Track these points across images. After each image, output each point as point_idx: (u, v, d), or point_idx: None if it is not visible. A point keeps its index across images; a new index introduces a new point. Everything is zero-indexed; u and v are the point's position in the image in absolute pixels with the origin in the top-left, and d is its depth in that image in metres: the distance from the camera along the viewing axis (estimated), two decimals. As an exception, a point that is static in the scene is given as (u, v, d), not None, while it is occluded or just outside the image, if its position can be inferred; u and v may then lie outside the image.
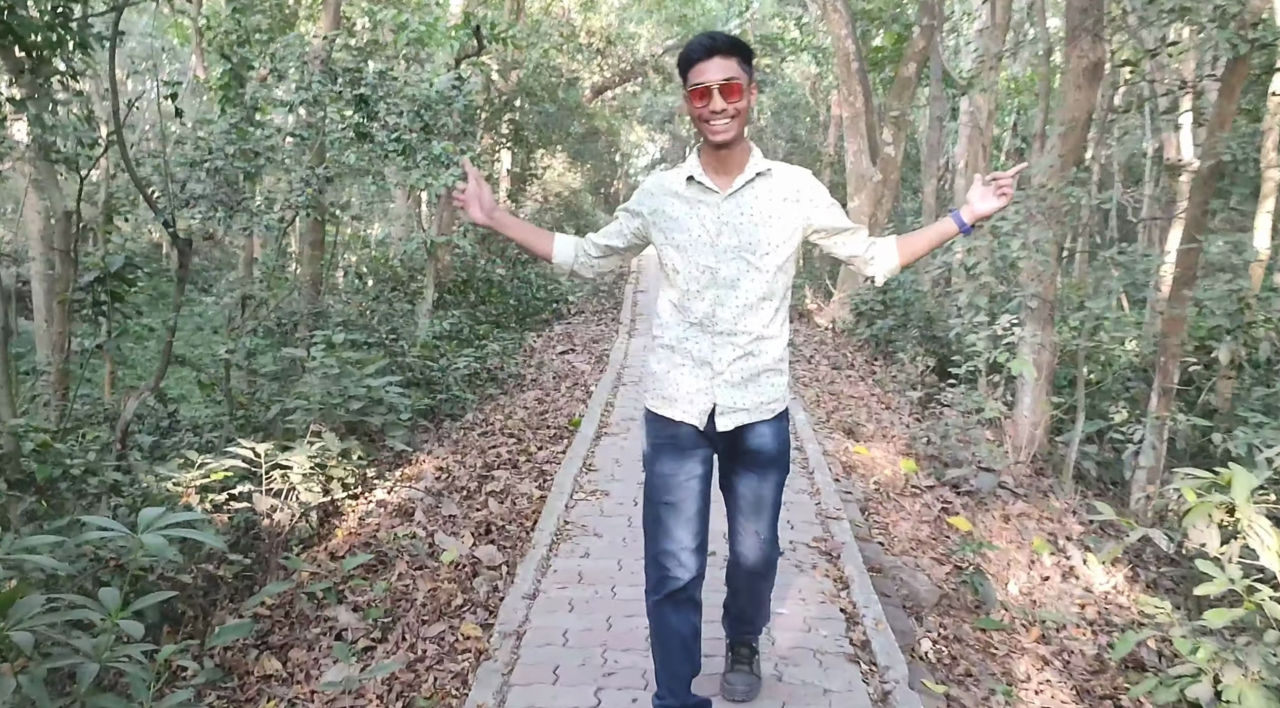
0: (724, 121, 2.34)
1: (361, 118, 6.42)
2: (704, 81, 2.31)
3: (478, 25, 8.40)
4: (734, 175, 2.44)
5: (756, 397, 2.50)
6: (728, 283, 2.43)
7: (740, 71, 2.34)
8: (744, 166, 2.44)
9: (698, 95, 2.34)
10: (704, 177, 2.45)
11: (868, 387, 9.13)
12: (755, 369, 2.48)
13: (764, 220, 2.43)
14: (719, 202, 2.44)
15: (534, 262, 13.80)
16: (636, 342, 9.72)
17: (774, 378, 2.53)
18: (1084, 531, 6.76)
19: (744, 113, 2.37)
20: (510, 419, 6.60)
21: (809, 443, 5.93)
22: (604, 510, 4.60)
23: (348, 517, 5.12)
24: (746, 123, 2.43)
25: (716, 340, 2.47)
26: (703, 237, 2.44)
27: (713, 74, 2.31)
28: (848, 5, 13.80)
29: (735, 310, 2.44)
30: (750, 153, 2.47)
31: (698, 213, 2.45)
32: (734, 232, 2.42)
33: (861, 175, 13.74)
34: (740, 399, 2.48)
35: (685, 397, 2.50)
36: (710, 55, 2.32)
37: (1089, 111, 8.58)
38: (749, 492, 2.60)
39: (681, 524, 2.51)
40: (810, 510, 4.77)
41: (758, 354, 2.47)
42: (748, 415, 2.50)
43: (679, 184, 2.49)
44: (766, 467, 2.58)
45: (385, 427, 5.61)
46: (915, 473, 6.25)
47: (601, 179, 36.17)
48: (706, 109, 2.33)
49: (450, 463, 5.68)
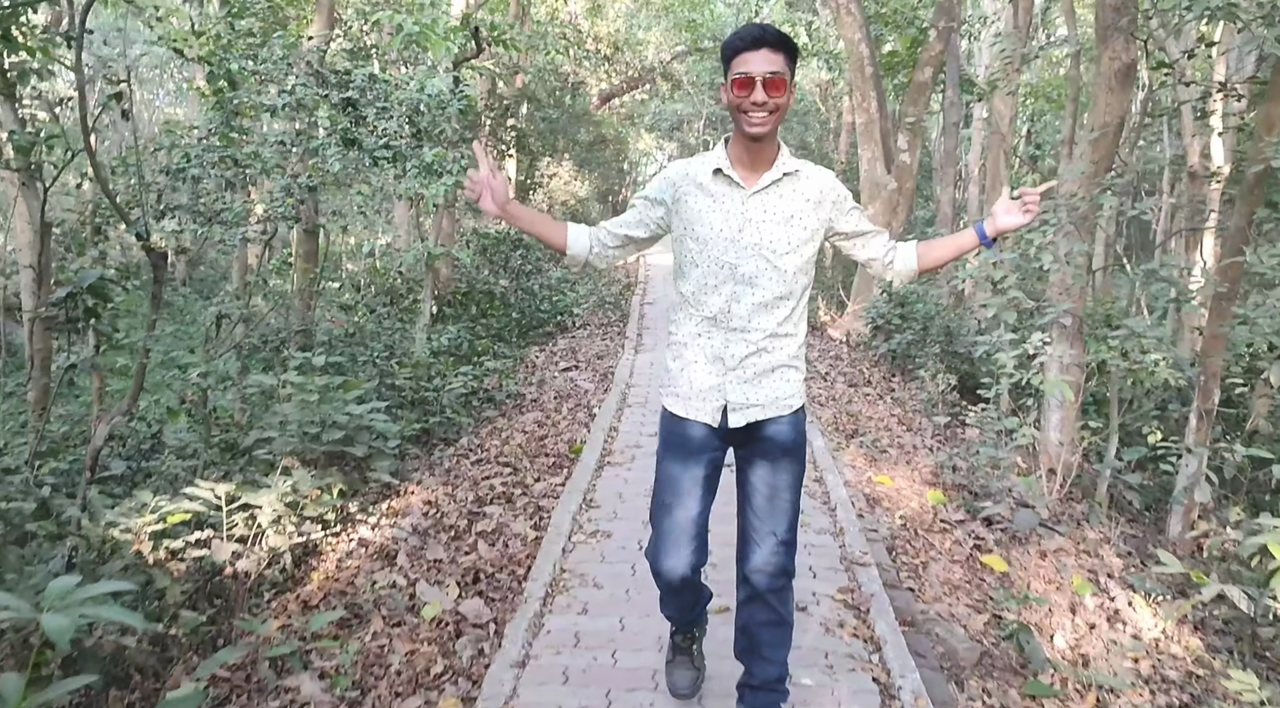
0: (762, 115, 2.30)
1: (349, 123, 6.01)
2: (748, 71, 2.27)
3: (476, 27, 7.99)
4: (761, 171, 2.41)
5: (771, 392, 2.47)
6: (746, 280, 2.41)
7: (785, 68, 2.30)
8: (772, 163, 2.41)
9: (740, 85, 2.29)
10: (732, 171, 2.42)
11: (887, 406, 8.66)
12: (768, 365, 2.46)
13: (786, 220, 2.41)
14: (744, 197, 2.41)
15: (538, 273, 13.38)
16: (643, 358, 9.27)
17: (789, 374, 2.50)
18: (1124, 564, 6.30)
19: (783, 109, 2.33)
20: (507, 445, 6.17)
21: (829, 474, 5.47)
22: (605, 555, 4.15)
23: (327, 557, 4.69)
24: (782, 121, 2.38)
25: (730, 337, 2.45)
26: (725, 231, 2.41)
27: (758, 65, 2.27)
28: (861, 8, 13.37)
29: (750, 308, 2.42)
30: (780, 151, 2.43)
31: (721, 207, 2.42)
32: (756, 229, 2.40)
33: (876, 183, 13.28)
34: (753, 395, 2.46)
35: (698, 394, 2.49)
36: (758, 46, 2.28)
37: (1121, 116, 8.12)
38: (763, 486, 2.54)
39: (681, 526, 2.53)
40: (834, 555, 4.31)
41: (771, 351, 2.45)
42: (761, 411, 2.48)
43: (704, 175, 2.45)
44: (779, 458, 2.52)
45: (369, 457, 5.18)
46: (944, 505, 5.79)
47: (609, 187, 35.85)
48: (748, 100, 2.29)
49: (440, 496, 5.24)
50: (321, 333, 6.94)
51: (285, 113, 5.90)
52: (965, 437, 9.21)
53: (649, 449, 5.80)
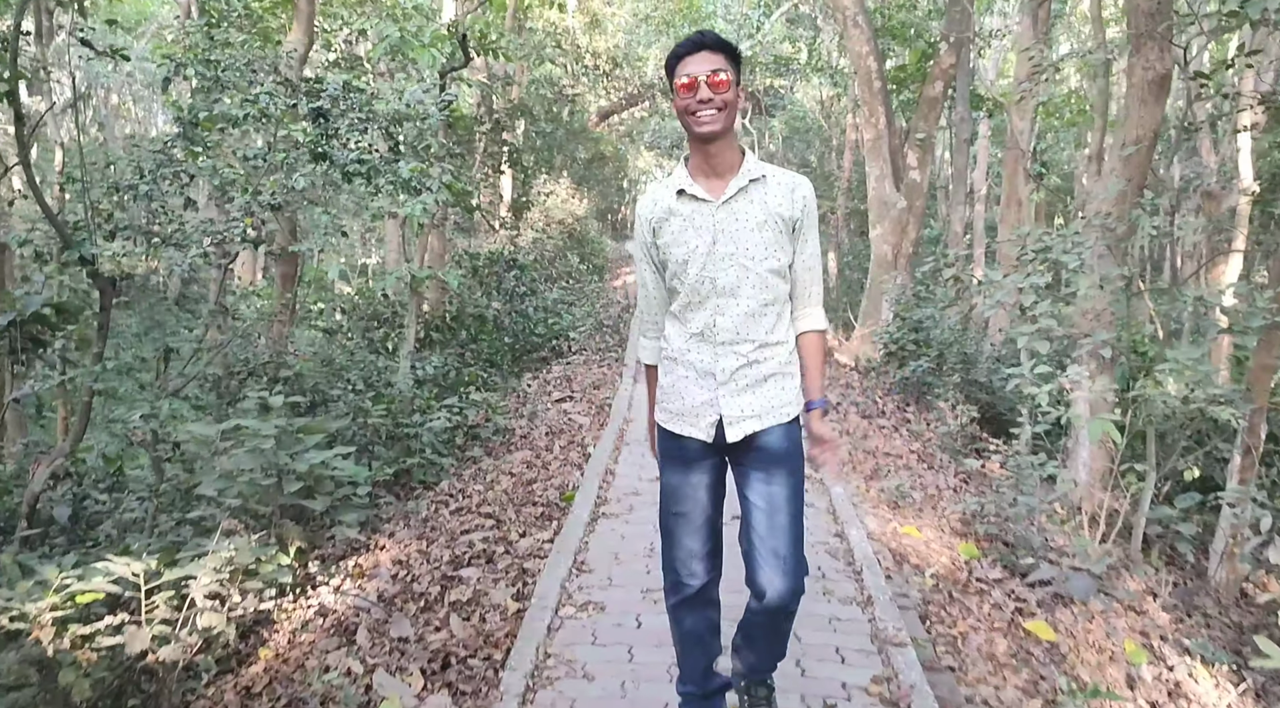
0: (710, 112, 2.32)
1: (319, 135, 5.45)
2: (690, 72, 2.32)
3: (464, 35, 7.46)
4: (726, 178, 2.42)
5: (766, 402, 2.45)
6: (727, 292, 2.41)
7: (727, 65, 2.34)
8: (736, 168, 2.42)
9: (684, 88, 2.34)
10: (694, 186, 2.43)
11: (904, 440, 8.07)
12: (761, 375, 2.44)
13: (759, 226, 2.40)
14: (713, 210, 2.41)
15: (533, 294, 12.81)
16: (642, 388, 8.67)
17: (783, 382, 2.47)
18: (1171, 619, 5.69)
19: (731, 107, 2.35)
20: (492, 490, 5.57)
21: (851, 527, 4.87)
22: (597, 635, 3.55)
23: (280, 627, 4.09)
24: (734, 120, 2.39)
25: (719, 350, 2.44)
26: (700, 247, 2.41)
27: (699, 66, 2.32)
28: (869, 21, 12.89)
29: (736, 319, 2.42)
30: (744, 157, 2.43)
31: (693, 224, 2.42)
32: (730, 239, 2.40)
33: (884, 202, 12.75)
34: (748, 406, 2.44)
35: (691, 410, 2.48)
36: (698, 49, 2.34)
37: (1155, 129, 7.58)
38: (761, 501, 2.46)
39: (690, 532, 2.53)
40: (863, 631, 3.71)
41: (763, 361, 2.44)
42: (759, 422, 2.45)
43: (670, 199, 2.46)
44: (773, 469, 2.47)
45: (332, 511, 4.58)
46: (978, 560, 5.19)
47: (608, 205, 35.35)
48: (694, 100, 2.32)
49: (413, 553, 4.64)
50: (286, 367, 6.35)
51: (250, 123, 5.35)
52: (986, 469, 8.62)
53: (648, 497, 5.21)
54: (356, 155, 5.20)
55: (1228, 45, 14.98)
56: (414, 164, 5.47)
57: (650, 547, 4.41)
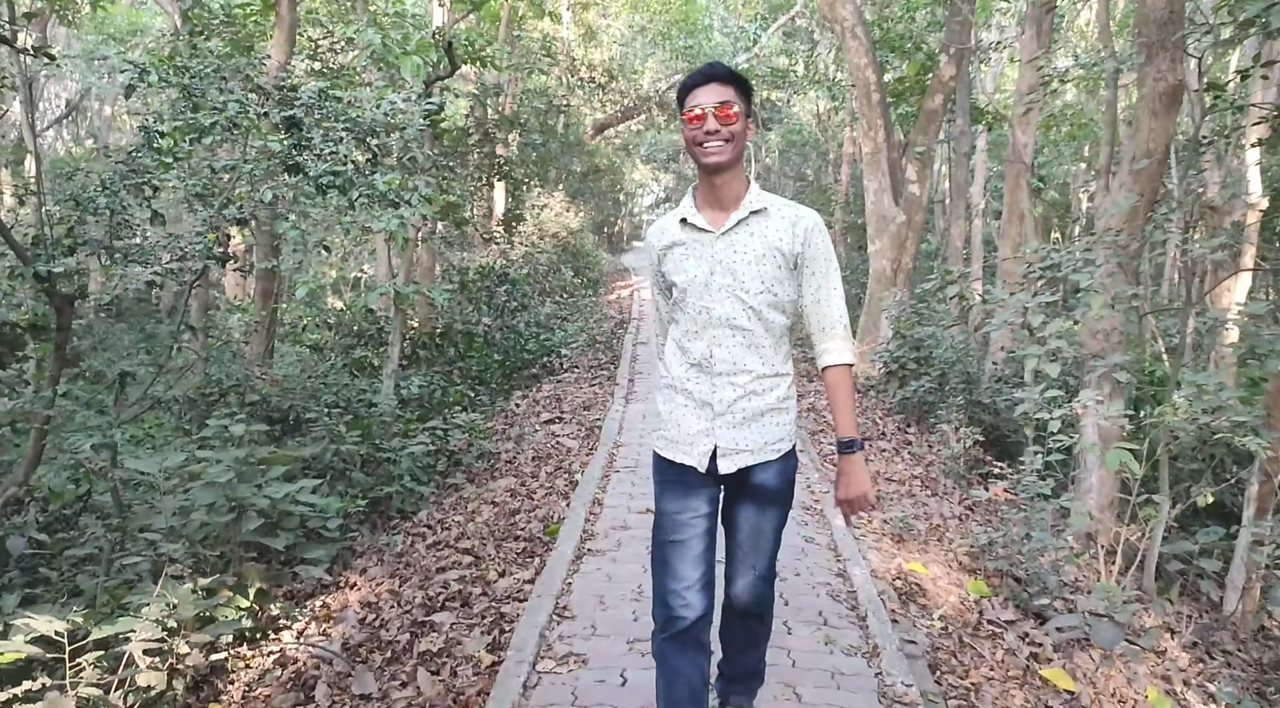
0: (717, 143, 2.34)
1: (291, 145, 5.15)
2: (699, 103, 2.34)
3: (449, 42, 7.18)
4: (729, 211, 2.43)
5: (760, 437, 2.46)
6: (723, 323, 2.42)
7: (736, 98, 2.36)
8: (740, 201, 2.43)
9: (693, 118, 2.35)
10: (697, 217, 2.45)
11: (905, 464, 7.76)
12: (758, 409, 2.44)
13: (757, 258, 2.40)
14: (712, 241, 2.43)
15: (524, 309, 12.51)
16: (635, 409, 8.36)
17: (778, 417, 2.48)
18: (1190, 659, 5.38)
19: (739, 138, 2.37)
20: (473, 521, 5.25)
21: (854, 565, 4.55)
22: (578, 694, 3.23)
23: (237, 680, 3.76)
24: (742, 153, 2.40)
25: (716, 382, 2.45)
26: (698, 277, 2.43)
27: (708, 97, 2.34)
28: (868, 33, 12.65)
29: (733, 350, 2.43)
30: (748, 187, 2.44)
31: (694, 254, 2.45)
32: (727, 271, 2.41)
33: (883, 216, 12.48)
34: (743, 440, 2.45)
35: (687, 439, 2.49)
36: (708, 82, 2.36)
37: (1167, 143, 7.31)
38: (748, 525, 2.56)
39: (688, 562, 2.49)
40: (870, 688, 3.38)
41: (761, 393, 2.44)
42: (751, 456, 2.47)
43: (675, 228, 2.50)
44: (767, 503, 2.53)
45: (298, 547, 4.26)
46: (988, 599, 4.87)
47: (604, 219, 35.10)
48: (701, 131, 2.34)
49: (384, 594, 4.31)
50: (254, 390, 6.02)
51: (217, 133, 5.05)
52: (993, 494, 8.31)
53: (637, 532, 4.89)
54: (329, 166, 4.90)
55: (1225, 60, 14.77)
56: (390, 176, 5.18)
57: (638, 589, 4.09)
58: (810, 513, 5.45)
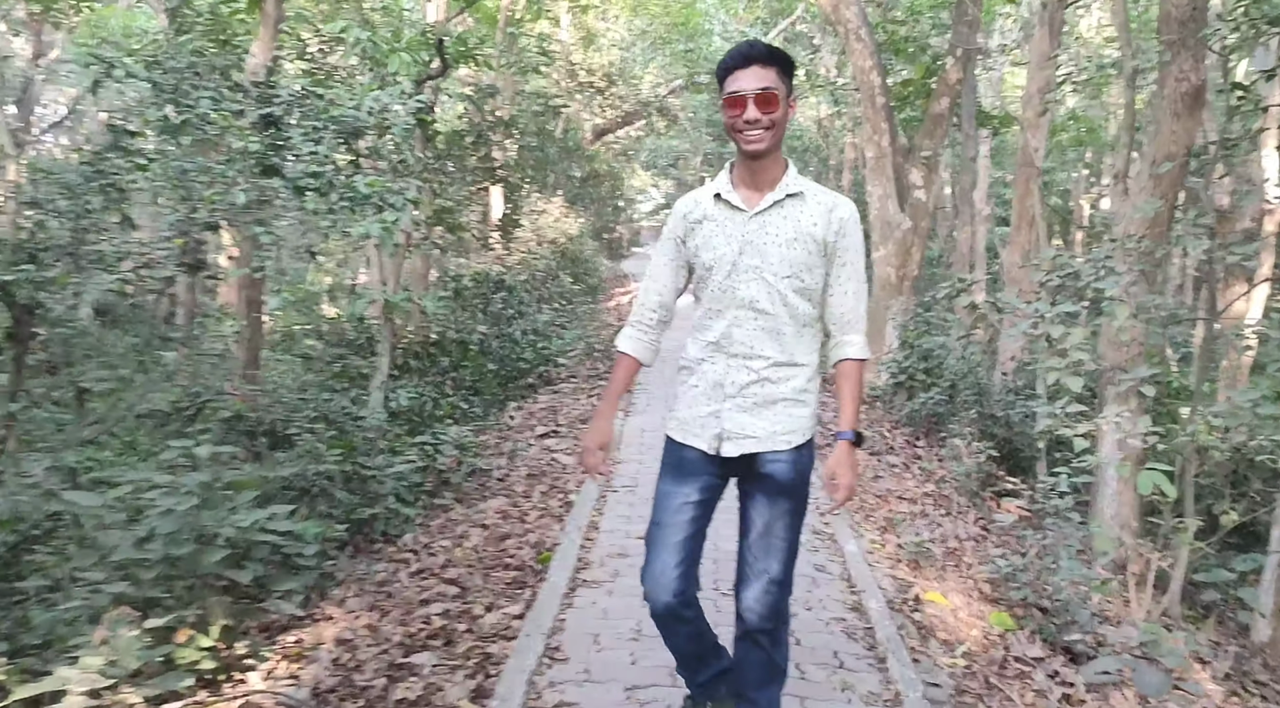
0: (757, 132, 2.30)
1: (268, 145, 4.84)
2: (738, 89, 2.28)
3: (440, 40, 6.87)
4: (764, 192, 2.39)
5: (769, 425, 2.40)
6: (746, 304, 2.37)
7: (778, 82, 2.29)
8: (776, 184, 2.38)
9: (732, 103, 2.30)
10: (732, 194, 2.41)
11: (916, 480, 7.43)
12: (771, 397, 2.38)
13: (789, 242, 2.35)
14: (745, 220, 2.39)
15: (520, 317, 12.18)
16: (634, 423, 8.03)
17: (792, 408, 2.40)
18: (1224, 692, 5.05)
19: (780, 124, 2.32)
20: (460, 547, 4.92)
21: (870, 598, 4.22)
22: (570, 752, 2.89)
23: (196, 727, 3.42)
24: (782, 136, 2.35)
25: (731, 363, 2.41)
26: (726, 255, 2.39)
27: (748, 83, 2.27)
28: (872, 34, 12.36)
29: (752, 333, 2.38)
30: (786, 170, 2.39)
31: (724, 231, 2.40)
32: (756, 252, 2.37)
33: (888, 223, 12.16)
34: (750, 426, 2.40)
35: (696, 420, 2.46)
36: (748, 64, 2.28)
37: (1188, 146, 7.00)
38: (760, 522, 2.46)
39: (668, 548, 2.45)
40: (893, 744, 3.05)
41: (775, 382, 2.38)
42: (757, 443, 2.41)
43: (708, 202, 2.45)
44: (777, 496, 2.44)
45: (268, 580, 3.93)
46: (1013, 632, 4.54)
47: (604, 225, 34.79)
48: (740, 118, 2.30)
49: (361, 629, 3.98)
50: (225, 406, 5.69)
51: (189, 132, 4.74)
52: (1008, 510, 7.97)
53: (635, 560, 4.56)
54: (307, 167, 4.59)
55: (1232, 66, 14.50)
56: (372, 178, 4.87)
57: (637, 627, 3.76)
58: (821, 538, 5.12)
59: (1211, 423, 4.97)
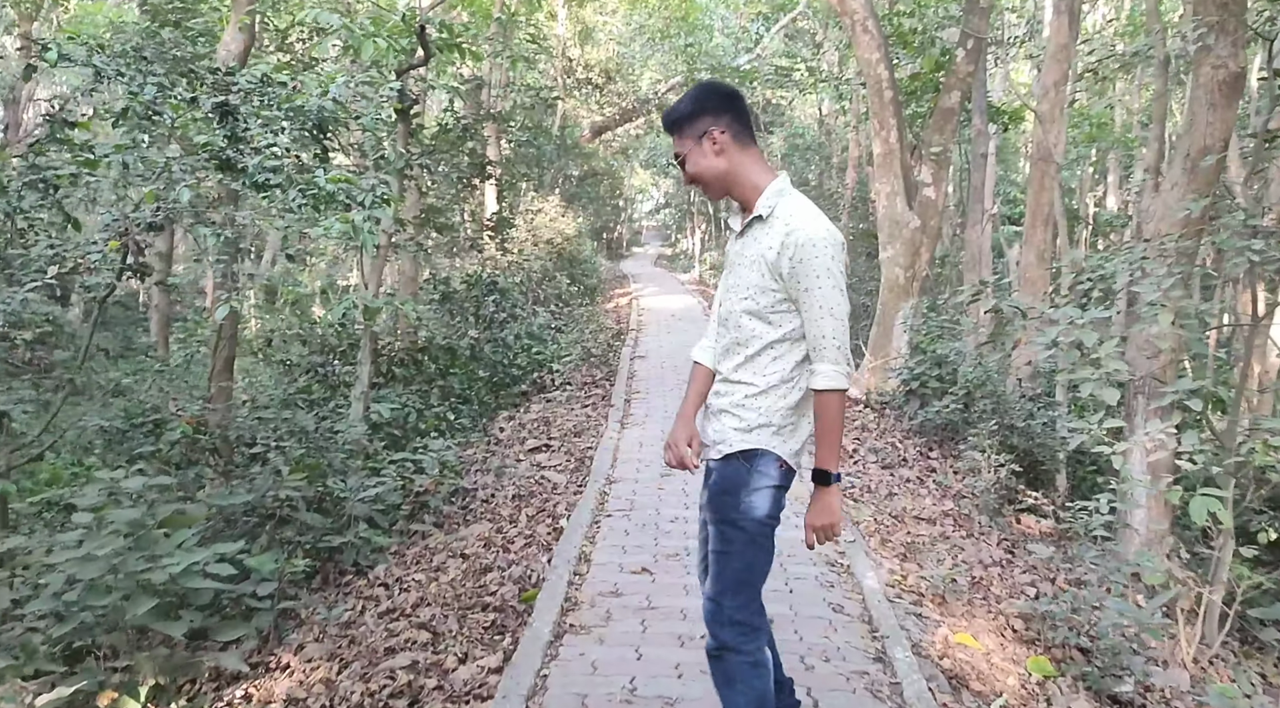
0: (697, 187, 2.46)
1: (224, 136, 4.35)
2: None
3: (422, 26, 6.38)
4: (745, 215, 2.46)
5: (712, 434, 2.45)
6: (722, 319, 2.50)
7: (686, 142, 2.37)
8: (752, 206, 2.42)
9: None
10: (734, 217, 2.51)
11: (933, 496, 6.94)
12: (718, 407, 2.45)
13: (749, 264, 2.40)
14: (732, 241, 2.51)
15: (513, 321, 11.68)
16: (631, 436, 7.53)
17: (726, 418, 2.42)
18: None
19: (706, 172, 2.38)
20: (435, 582, 4.43)
21: (895, 646, 3.72)
22: None
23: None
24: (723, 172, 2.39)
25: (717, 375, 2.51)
26: (725, 272, 2.52)
27: (674, 149, 2.42)
28: (879, 26, 11.87)
29: (724, 347, 2.47)
30: (762, 193, 2.39)
31: (728, 249, 2.54)
32: (732, 272, 2.47)
33: (896, 221, 11.66)
34: (706, 432, 2.47)
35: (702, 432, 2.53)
36: (669, 133, 2.42)
37: (1226, 137, 6.53)
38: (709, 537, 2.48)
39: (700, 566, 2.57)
40: None
41: (721, 394, 2.46)
42: (709, 451, 2.45)
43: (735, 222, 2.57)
44: (707, 504, 2.45)
45: (208, 631, 3.44)
46: (1054, 680, 4.05)
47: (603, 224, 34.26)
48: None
49: (316, 686, 3.49)
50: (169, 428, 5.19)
51: (133, 121, 4.26)
52: (1030, 528, 7.49)
53: (630, 600, 4.07)
54: (261, 160, 4.10)
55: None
56: (335, 173, 4.39)
57: (631, 685, 3.27)
58: (836, 570, 4.63)
59: (1271, 442, 4.48)
